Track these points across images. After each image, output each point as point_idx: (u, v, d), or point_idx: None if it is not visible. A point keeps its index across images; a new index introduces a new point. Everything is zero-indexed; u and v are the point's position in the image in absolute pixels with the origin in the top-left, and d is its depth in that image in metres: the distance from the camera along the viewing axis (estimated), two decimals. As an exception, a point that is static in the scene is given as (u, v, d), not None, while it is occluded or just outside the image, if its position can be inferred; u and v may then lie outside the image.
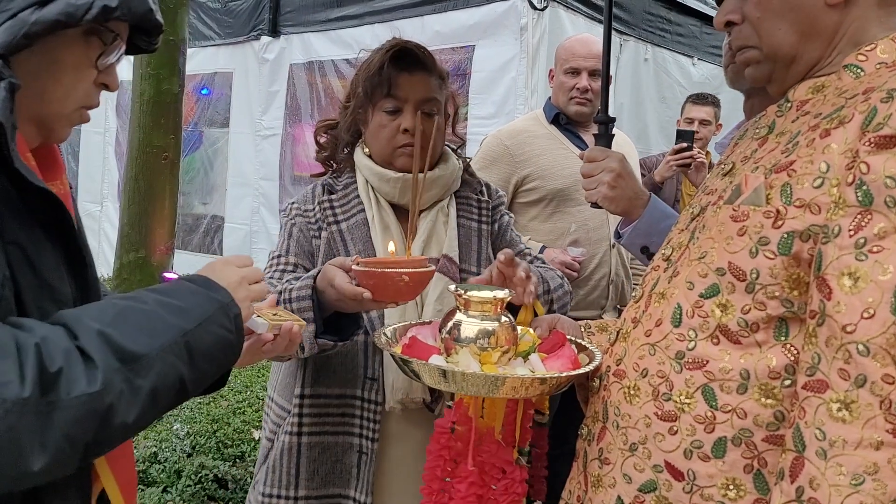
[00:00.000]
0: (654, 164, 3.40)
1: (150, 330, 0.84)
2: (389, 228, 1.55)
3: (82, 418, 0.76)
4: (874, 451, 0.83)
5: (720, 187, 1.09)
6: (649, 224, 1.50)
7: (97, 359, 0.78)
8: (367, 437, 1.49)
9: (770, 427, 0.96)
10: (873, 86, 0.94)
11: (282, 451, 1.51)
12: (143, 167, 4.08)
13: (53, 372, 0.74)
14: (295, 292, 1.35)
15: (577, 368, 1.15)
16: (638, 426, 1.05)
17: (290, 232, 1.56)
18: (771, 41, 1.05)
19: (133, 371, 0.80)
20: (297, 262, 1.53)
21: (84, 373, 0.76)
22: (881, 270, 0.85)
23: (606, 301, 2.68)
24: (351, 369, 1.49)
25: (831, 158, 0.92)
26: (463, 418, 1.28)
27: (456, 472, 1.27)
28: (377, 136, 1.56)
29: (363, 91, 1.56)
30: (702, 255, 1.03)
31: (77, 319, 0.81)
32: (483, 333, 1.15)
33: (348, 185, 1.61)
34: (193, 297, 0.91)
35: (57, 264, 0.89)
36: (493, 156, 2.69)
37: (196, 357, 0.87)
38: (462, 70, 4.46)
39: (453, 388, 1.11)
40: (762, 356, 0.97)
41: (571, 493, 1.21)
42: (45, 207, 0.86)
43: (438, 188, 1.59)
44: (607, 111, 1.69)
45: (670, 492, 1.01)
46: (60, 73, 0.88)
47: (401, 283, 1.23)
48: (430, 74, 1.56)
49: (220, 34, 6.09)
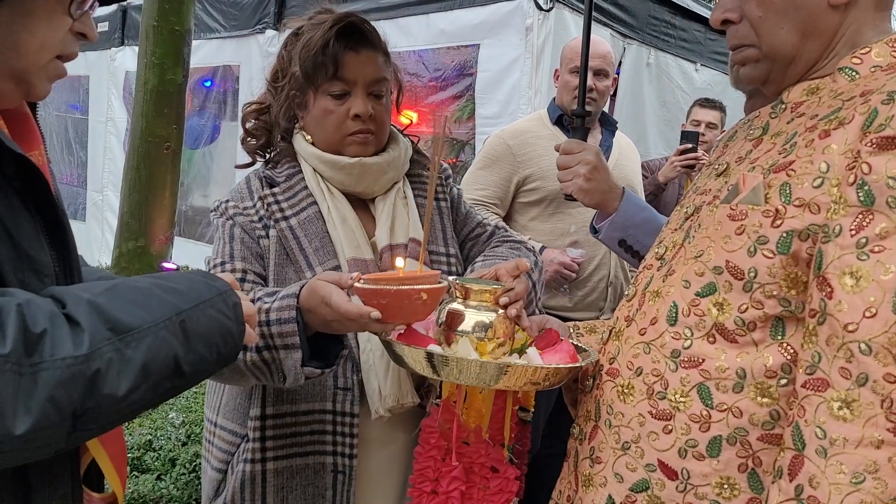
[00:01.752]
0: (657, 166, 3.40)
1: (143, 304, 0.82)
2: (347, 221, 1.39)
3: (67, 381, 0.73)
4: (875, 449, 0.83)
5: (714, 187, 1.09)
6: (626, 217, 1.52)
7: (84, 323, 0.76)
8: (343, 453, 1.33)
9: (766, 426, 0.96)
10: (871, 88, 0.95)
11: (242, 483, 1.32)
12: (145, 156, 4.08)
13: (37, 333, 0.72)
14: (274, 314, 1.16)
15: (576, 362, 1.14)
16: (631, 425, 1.05)
17: (232, 234, 1.36)
18: (772, 40, 1.05)
19: (123, 341, 0.78)
20: (245, 267, 1.33)
21: (70, 335, 0.74)
22: (883, 270, 0.85)
23: (605, 303, 2.68)
24: (318, 381, 1.31)
25: (831, 158, 0.92)
26: (450, 416, 1.26)
27: (442, 470, 1.26)
28: (322, 122, 1.40)
29: (302, 71, 1.37)
30: (698, 254, 1.03)
31: (65, 291, 0.80)
32: (481, 325, 1.14)
33: (291, 175, 1.43)
34: (191, 283, 0.90)
35: (36, 233, 0.87)
36: (495, 155, 2.69)
37: (192, 337, 0.85)
38: (467, 69, 4.46)
39: (455, 377, 1.07)
40: (758, 355, 0.97)
41: (561, 494, 1.20)
42: (21, 175, 0.84)
43: (394, 171, 1.46)
44: (584, 105, 1.69)
45: (663, 491, 1.01)
46: (33, 24, 0.86)
47: (418, 301, 1.09)
48: (377, 51, 1.41)
49: (226, 26, 6.08)
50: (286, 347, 1.16)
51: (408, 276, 1.14)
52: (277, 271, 1.35)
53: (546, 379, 1.08)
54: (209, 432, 1.44)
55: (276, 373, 1.20)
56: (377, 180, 1.44)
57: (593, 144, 2.74)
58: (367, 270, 1.34)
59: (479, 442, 1.25)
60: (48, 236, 0.89)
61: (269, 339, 1.17)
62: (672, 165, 3.16)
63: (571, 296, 2.64)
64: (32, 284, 0.83)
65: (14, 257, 0.83)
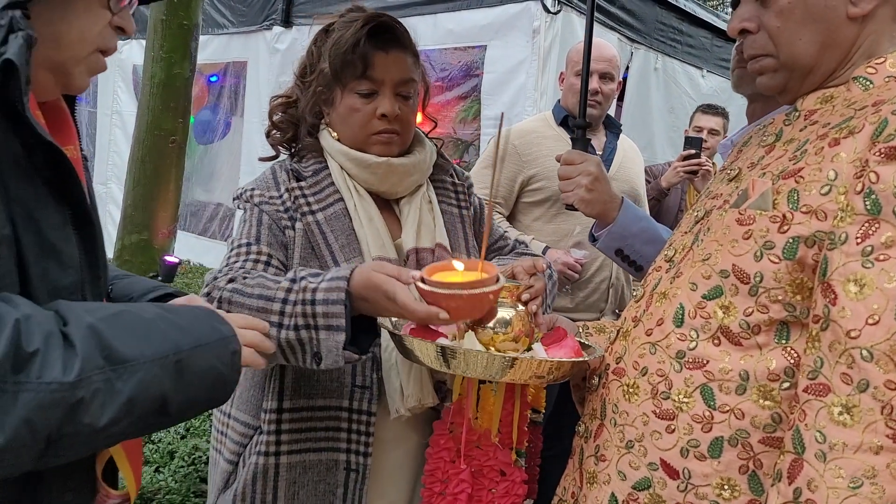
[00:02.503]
0: (660, 171, 3.41)
1: (143, 336, 0.81)
2: (373, 220, 1.39)
3: (48, 406, 0.72)
4: (874, 455, 0.84)
5: (725, 192, 1.11)
6: (623, 227, 1.54)
7: (79, 348, 0.75)
8: (357, 451, 1.33)
9: (767, 429, 0.97)
10: (883, 98, 0.96)
11: (254, 476, 1.32)
12: (151, 150, 4.09)
13: (29, 351, 0.71)
14: (321, 293, 1.14)
15: (581, 357, 1.16)
16: (635, 424, 1.06)
17: (260, 219, 1.36)
18: (791, 51, 1.05)
19: (115, 372, 0.77)
20: (271, 252, 1.34)
21: (61, 359, 0.73)
22: (887, 278, 0.86)
23: (606, 304, 2.70)
24: (336, 377, 1.32)
25: (840, 167, 0.94)
26: (460, 418, 1.28)
27: (450, 472, 1.27)
28: (348, 120, 1.40)
29: (331, 69, 1.37)
30: (706, 257, 1.04)
31: (70, 308, 0.79)
32: (501, 321, 1.16)
33: (318, 171, 1.43)
34: (196, 321, 0.88)
35: (63, 224, 0.87)
36: (499, 154, 2.70)
37: (185, 379, 0.83)
38: (474, 70, 4.47)
39: (463, 370, 1.09)
40: (762, 358, 0.98)
41: (566, 490, 1.22)
42: (52, 164, 0.84)
43: (419, 173, 1.46)
44: (584, 116, 1.70)
45: (664, 490, 1.02)
46: (73, 16, 0.88)
47: (486, 304, 1.11)
48: (406, 52, 1.41)
49: (234, 22, 6.09)
50: (329, 328, 1.14)
51: (471, 275, 1.13)
52: (302, 265, 1.35)
53: (550, 372, 1.10)
54: (222, 423, 1.44)
55: (310, 353, 1.17)
56: (402, 181, 1.44)
57: (597, 148, 2.78)
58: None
59: (488, 445, 1.27)
60: (76, 230, 0.89)
61: (310, 319, 1.15)
62: (675, 171, 3.17)
63: (573, 296, 2.65)
64: (54, 274, 0.84)
65: (38, 246, 0.83)
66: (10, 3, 0.79)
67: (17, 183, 0.81)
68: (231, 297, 1.20)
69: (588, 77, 1.73)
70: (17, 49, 0.77)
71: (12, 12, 0.79)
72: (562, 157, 1.62)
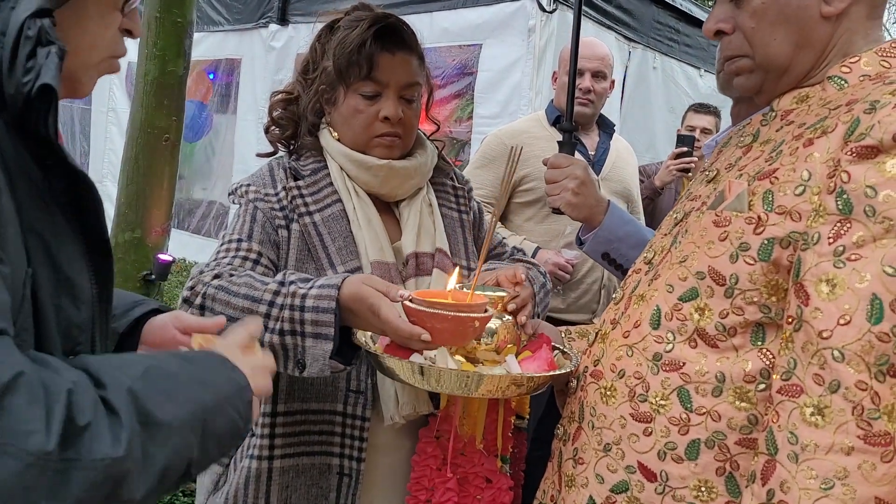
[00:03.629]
0: (653, 171, 3.40)
1: (174, 397, 0.75)
2: (372, 223, 1.38)
3: (99, 484, 0.65)
4: (845, 456, 0.84)
5: (704, 193, 1.10)
6: (609, 231, 1.54)
7: (124, 418, 0.68)
8: (350, 456, 1.32)
9: (743, 430, 0.97)
10: (856, 97, 0.95)
11: (247, 479, 1.30)
12: (144, 147, 4.07)
13: (81, 426, 0.64)
14: (311, 300, 1.13)
15: (554, 370, 1.16)
16: (613, 427, 1.06)
17: (254, 216, 1.34)
18: (766, 51, 1.05)
19: (151, 438, 0.70)
20: (261, 250, 1.31)
21: (109, 431, 0.66)
22: (858, 278, 0.86)
23: (598, 305, 2.69)
24: (331, 381, 1.30)
25: (813, 167, 0.93)
26: (447, 426, 1.28)
27: (437, 481, 1.27)
28: (350, 121, 1.38)
29: (335, 68, 1.36)
30: (683, 259, 1.04)
31: (102, 368, 0.71)
32: (487, 332, 1.16)
33: (317, 170, 1.41)
34: (215, 372, 0.84)
35: (78, 255, 0.81)
36: (492, 154, 2.70)
37: (208, 440, 0.78)
38: (468, 68, 4.46)
39: (434, 386, 1.09)
40: (738, 360, 0.97)
41: (545, 493, 1.21)
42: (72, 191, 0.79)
43: (420, 176, 1.45)
44: (572, 119, 1.70)
45: (642, 493, 1.02)
46: (87, 21, 0.83)
47: (470, 328, 1.10)
48: (412, 55, 1.40)
49: (229, 20, 6.08)
50: (317, 336, 1.14)
51: (458, 300, 1.14)
52: (297, 266, 1.33)
53: (521, 386, 1.11)
54: None
55: (293, 360, 1.16)
56: (402, 184, 1.43)
57: (590, 148, 2.78)
58: (388, 274, 1.34)
59: (473, 452, 1.27)
60: (90, 261, 0.83)
61: (297, 325, 1.14)
62: (668, 169, 3.17)
63: (564, 297, 2.64)
64: (68, 311, 0.78)
65: (53, 281, 0.76)
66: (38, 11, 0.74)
67: (33, 212, 0.74)
68: (216, 293, 1.19)
69: (575, 80, 1.72)
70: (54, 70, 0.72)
71: (41, 21, 0.73)
72: (548, 161, 1.62)
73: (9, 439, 0.60)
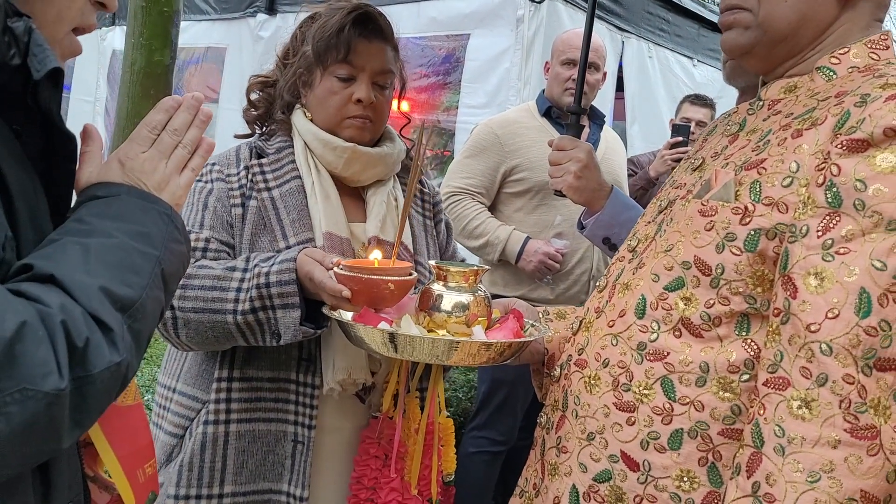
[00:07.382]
0: (646, 161, 3.40)
1: (132, 268, 0.76)
2: (330, 199, 1.43)
3: (111, 389, 0.70)
4: (831, 449, 0.84)
5: (689, 182, 1.10)
6: (611, 216, 1.54)
7: (109, 322, 0.70)
8: (304, 423, 1.36)
9: (726, 421, 0.97)
10: (846, 89, 0.95)
11: (202, 445, 1.33)
12: (131, 137, 4.05)
13: (81, 347, 0.67)
14: (274, 276, 1.24)
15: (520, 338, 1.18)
16: (596, 416, 1.06)
17: (206, 203, 1.39)
18: (771, 11, 1.02)
19: (134, 320, 0.73)
20: (209, 235, 1.37)
21: (104, 341, 0.69)
22: (847, 272, 0.86)
23: (586, 296, 2.69)
24: (284, 350, 1.35)
25: (802, 158, 0.93)
26: (390, 430, 1.33)
27: (381, 480, 1.33)
28: (324, 102, 1.44)
29: (314, 51, 1.42)
30: (668, 248, 1.03)
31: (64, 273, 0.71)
32: (459, 306, 1.19)
33: (281, 149, 1.47)
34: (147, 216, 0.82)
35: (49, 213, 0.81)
36: (482, 144, 2.69)
37: (168, 282, 0.81)
38: (455, 58, 4.44)
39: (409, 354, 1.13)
40: (722, 350, 0.97)
41: (528, 481, 1.21)
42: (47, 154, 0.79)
43: (384, 166, 1.49)
44: (580, 102, 1.70)
45: (625, 482, 1.02)
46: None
47: (385, 290, 1.19)
48: (387, 44, 1.46)
49: (216, 9, 6.02)
50: (285, 307, 1.24)
51: (381, 267, 1.23)
52: (252, 240, 1.39)
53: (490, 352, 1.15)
54: (164, 398, 1.45)
55: (269, 331, 1.26)
56: (364, 170, 1.47)
57: (580, 138, 2.77)
58: (340, 246, 1.40)
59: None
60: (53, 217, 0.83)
61: (266, 300, 1.24)
62: (662, 159, 3.16)
63: (553, 287, 2.64)
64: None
65: (34, 242, 0.77)
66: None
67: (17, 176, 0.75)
68: (183, 292, 1.26)
69: (586, 64, 1.71)
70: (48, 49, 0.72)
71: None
72: (553, 143, 1.61)
73: (27, 384, 0.63)
